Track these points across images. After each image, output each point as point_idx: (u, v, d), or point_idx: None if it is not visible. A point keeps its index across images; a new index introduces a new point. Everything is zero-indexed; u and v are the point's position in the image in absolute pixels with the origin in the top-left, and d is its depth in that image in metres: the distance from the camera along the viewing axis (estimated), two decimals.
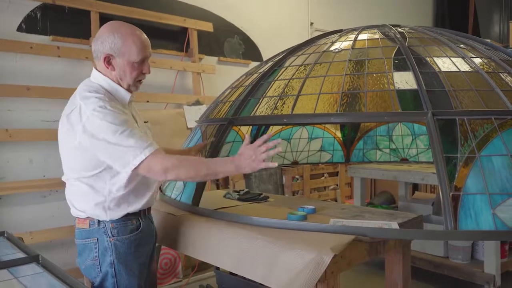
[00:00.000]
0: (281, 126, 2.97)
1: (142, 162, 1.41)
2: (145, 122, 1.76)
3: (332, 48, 2.03)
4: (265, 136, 1.49)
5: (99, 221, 1.53)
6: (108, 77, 1.56)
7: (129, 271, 1.56)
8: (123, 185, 1.52)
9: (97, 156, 1.45)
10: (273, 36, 4.37)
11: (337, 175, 4.61)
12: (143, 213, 1.63)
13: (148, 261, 1.67)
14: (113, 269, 1.53)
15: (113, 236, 1.53)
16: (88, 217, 1.54)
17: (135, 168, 1.43)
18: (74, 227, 1.60)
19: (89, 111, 1.43)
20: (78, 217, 1.57)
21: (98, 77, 1.57)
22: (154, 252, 1.76)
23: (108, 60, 1.53)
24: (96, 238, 1.53)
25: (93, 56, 1.58)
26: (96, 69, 1.58)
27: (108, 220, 1.53)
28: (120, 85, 1.57)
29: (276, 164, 1.51)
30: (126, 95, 1.59)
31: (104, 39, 1.51)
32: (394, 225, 1.57)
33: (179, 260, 3.08)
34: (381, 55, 1.85)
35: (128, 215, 1.56)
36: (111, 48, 1.50)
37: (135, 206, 1.58)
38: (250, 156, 1.47)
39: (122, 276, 1.55)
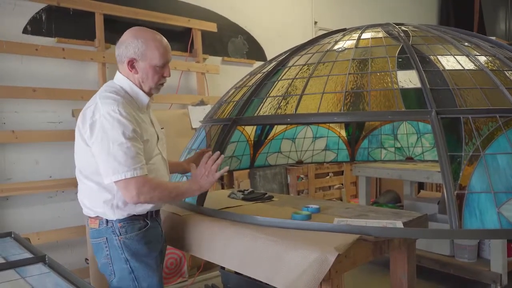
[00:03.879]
0: (285, 126, 2.97)
1: (119, 181, 1.46)
2: (161, 128, 1.79)
3: (335, 47, 2.03)
4: (207, 154, 1.69)
5: (107, 221, 1.56)
6: (131, 80, 1.62)
7: (146, 265, 1.59)
8: None
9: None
10: (277, 35, 4.37)
11: (342, 174, 4.61)
12: (150, 215, 1.65)
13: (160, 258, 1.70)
14: (128, 265, 1.57)
15: (121, 235, 1.56)
16: (97, 216, 1.58)
17: (115, 183, 1.47)
18: (87, 226, 1.65)
19: (103, 111, 1.48)
20: (89, 216, 1.61)
21: (121, 79, 1.63)
22: (163, 256, 1.77)
23: (131, 64, 1.59)
24: (105, 238, 1.58)
25: (117, 60, 1.63)
26: (120, 72, 1.65)
27: (115, 219, 1.56)
28: (142, 88, 1.63)
29: (227, 168, 1.72)
30: (145, 99, 1.64)
31: (128, 44, 1.58)
32: (399, 224, 1.57)
33: (184, 259, 3.09)
34: (385, 54, 1.85)
35: (135, 216, 1.59)
36: (134, 53, 1.57)
37: (143, 207, 1.60)
38: (203, 173, 1.63)
39: (139, 271, 1.58)
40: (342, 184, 4.60)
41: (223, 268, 2.53)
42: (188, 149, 2.25)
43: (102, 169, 1.48)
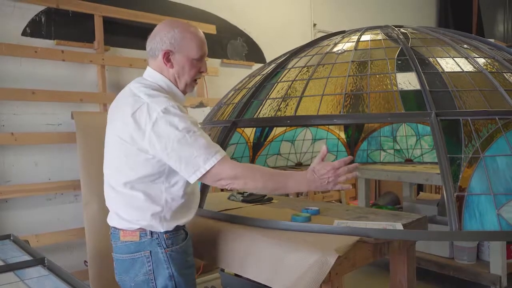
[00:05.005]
0: (284, 128, 2.97)
1: (212, 167, 1.33)
2: None
3: (335, 50, 2.03)
4: (346, 159, 1.44)
5: (151, 232, 1.43)
6: (165, 75, 1.48)
7: (187, 281, 1.49)
8: (180, 195, 1.45)
9: (162, 158, 1.37)
10: (276, 37, 4.37)
11: None
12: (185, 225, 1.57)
13: None
14: (173, 281, 1.44)
15: (167, 247, 1.44)
16: (140, 228, 1.43)
17: (204, 174, 1.34)
18: (111, 241, 1.49)
19: (161, 109, 1.34)
20: (125, 229, 1.45)
21: (155, 76, 1.48)
22: None
23: (167, 57, 1.45)
24: (149, 251, 1.43)
25: (148, 54, 1.50)
26: (151, 68, 1.50)
27: (162, 231, 1.44)
28: (176, 85, 1.50)
29: (350, 187, 1.48)
30: (182, 97, 1.53)
31: (163, 35, 1.45)
32: (398, 226, 1.57)
33: None
34: (384, 56, 1.85)
35: (178, 226, 1.49)
36: (171, 44, 1.44)
37: (186, 218, 1.51)
38: (325, 176, 1.41)
39: (182, 287, 1.47)
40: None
41: (223, 270, 2.52)
42: None
43: (185, 168, 1.34)
